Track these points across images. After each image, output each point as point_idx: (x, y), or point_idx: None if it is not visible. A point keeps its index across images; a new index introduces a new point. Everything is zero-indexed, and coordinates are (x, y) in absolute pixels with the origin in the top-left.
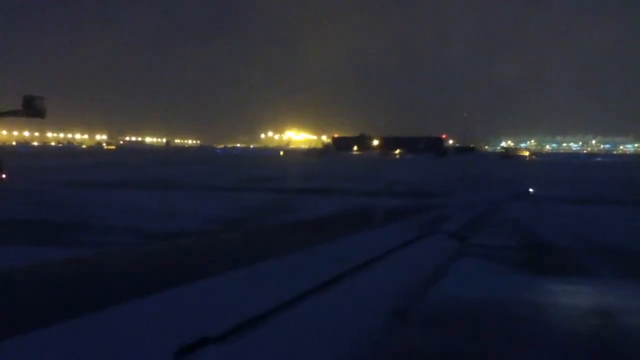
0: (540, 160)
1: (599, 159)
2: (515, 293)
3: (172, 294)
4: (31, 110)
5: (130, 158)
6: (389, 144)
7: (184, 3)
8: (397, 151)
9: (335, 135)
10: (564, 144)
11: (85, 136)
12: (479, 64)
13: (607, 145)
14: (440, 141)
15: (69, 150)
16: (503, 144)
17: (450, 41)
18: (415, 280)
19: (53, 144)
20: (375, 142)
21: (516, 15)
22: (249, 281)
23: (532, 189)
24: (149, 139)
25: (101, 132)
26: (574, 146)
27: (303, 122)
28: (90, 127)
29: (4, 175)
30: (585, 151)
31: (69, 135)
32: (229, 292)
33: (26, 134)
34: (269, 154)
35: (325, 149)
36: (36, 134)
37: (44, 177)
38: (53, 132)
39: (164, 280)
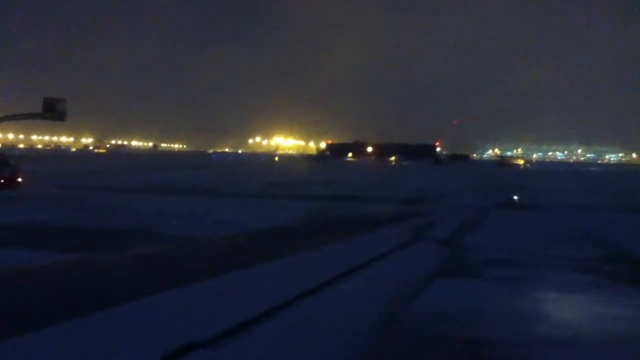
0: (537, 169)
1: (592, 168)
2: None
3: None
4: (52, 113)
5: (132, 161)
6: (383, 150)
7: (174, 6)
8: (393, 157)
9: (330, 142)
10: (550, 153)
11: (71, 139)
12: (467, 73)
13: (592, 155)
14: (434, 148)
15: (61, 153)
16: (490, 152)
17: (440, 50)
18: None
19: (40, 146)
20: (370, 149)
21: (504, 26)
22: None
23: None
24: (135, 143)
25: (87, 135)
26: (559, 155)
27: (291, 128)
28: (75, 130)
29: (19, 179)
30: (571, 160)
31: (54, 138)
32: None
33: (10, 136)
34: (265, 159)
35: (322, 155)
36: (21, 136)
37: (59, 182)
38: (38, 134)
39: None
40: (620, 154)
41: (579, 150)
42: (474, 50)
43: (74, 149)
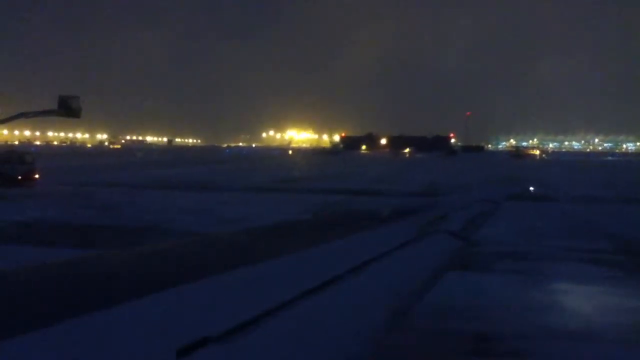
0: (555, 159)
1: (609, 157)
2: None
3: None
4: (67, 110)
5: (150, 158)
6: (397, 143)
7: (188, 3)
8: (407, 150)
9: (343, 135)
10: (566, 143)
11: (86, 135)
12: (480, 63)
13: (609, 144)
14: (448, 140)
15: (77, 150)
16: (505, 142)
17: (453, 41)
18: None
19: (56, 143)
20: (383, 141)
21: (517, 15)
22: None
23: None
24: (149, 138)
25: (102, 131)
26: (576, 145)
27: (304, 121)
28: (91, 127)
29: (36, 176)
30: (587, 150)
31: (70, 135)
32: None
33: (27, 133)
34: (279, 153)
35: (335, 148)
36: (37, 133)
37: (76, 179)
38: (54, 131)
39: None
40: (638, 143)
41: (596, 140)
42: (490, 43)
43: (89, 145)
